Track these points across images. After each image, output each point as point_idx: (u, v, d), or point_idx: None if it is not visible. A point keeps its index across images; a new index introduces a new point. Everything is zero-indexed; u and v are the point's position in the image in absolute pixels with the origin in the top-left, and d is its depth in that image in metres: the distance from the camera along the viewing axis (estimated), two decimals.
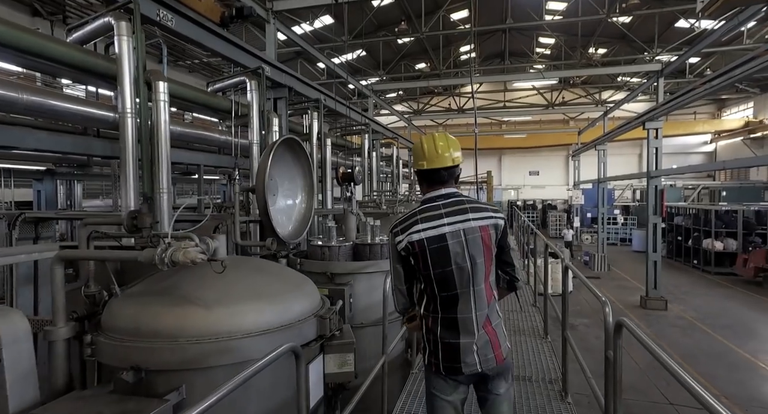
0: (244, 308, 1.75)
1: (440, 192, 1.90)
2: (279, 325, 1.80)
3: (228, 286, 1.81)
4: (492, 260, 1.86)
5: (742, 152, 23.21)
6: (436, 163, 1.88)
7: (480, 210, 1.86)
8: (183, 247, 1.59)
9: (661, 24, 16.98)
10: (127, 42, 3.38)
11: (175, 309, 1.70)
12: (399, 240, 1.82)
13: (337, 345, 2.02)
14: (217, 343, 1.65)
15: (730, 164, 8.76)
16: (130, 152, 3.47)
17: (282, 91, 6.47)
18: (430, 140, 1.91)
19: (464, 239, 1.79)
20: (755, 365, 6.89)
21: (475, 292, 1.79)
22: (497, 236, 1.87)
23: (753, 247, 12.95)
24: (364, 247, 3.78)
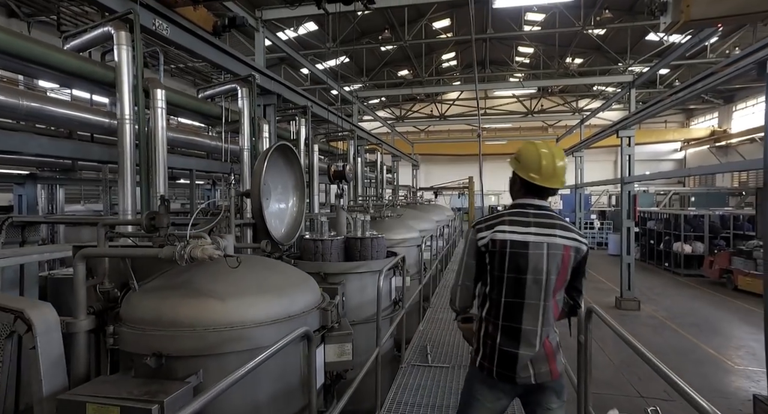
0: (254, 300, 1.92)
1: (533, 202, 1.89)
2: (286, 315, 1.98)
3: (239, 281, 1.98)
4: (565, 281, 1.84)
5: (708, 160, 24.32)
6: (550, 181, 1.85)
7: (567, 230, 1.85)
8: (200, 245, 1.76)
9: (633, 37, 17.77)
10: (126, 51, 3.51)
11: (192, 301, 1.86)
12: (482, 235, 1.83)
13: (336, 336, 2.20)
14: (231, 331, 1.82)
15: (695, 171, 9.30)
16: (128, 157, 3.59)
17: (271, 97, 6.63)
18: (550, 157, 1.86)
19: (546, 253, 1.77)
20: (719, 360, 7.32)
21: (544, 307, 1.78)
22: (576, 260, 1.85)
23: (718, 250, 13.62)
24: (356, 241, 3.95)
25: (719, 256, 13.09)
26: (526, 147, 1.97)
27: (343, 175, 4.65)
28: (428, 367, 3.64)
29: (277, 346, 1.50)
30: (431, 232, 6.84)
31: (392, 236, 5.24)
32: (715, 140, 24.44)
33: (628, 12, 16.87)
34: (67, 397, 1.55)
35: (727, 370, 6.91)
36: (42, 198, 8.48)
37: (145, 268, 2.16)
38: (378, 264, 3.64)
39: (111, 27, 3.46)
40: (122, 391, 1.57)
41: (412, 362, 3.74)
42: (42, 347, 1.62)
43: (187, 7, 4.47)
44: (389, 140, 19.50)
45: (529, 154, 1.91)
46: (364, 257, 3.91)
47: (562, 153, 1.91)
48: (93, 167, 8.26)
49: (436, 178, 24.75)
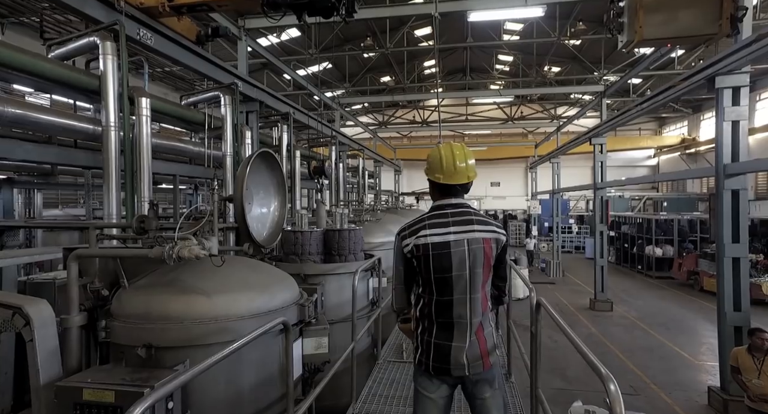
0: (237, 296, 2.09)
1: (450, 201, 1.98)
2: (267, 310, 2.15)
3: (223, 279, 2.14)
4: (490, 272, 1.95)
5: (680, 166, 25.28)
6: (452, 178, 1.95)
7: (485, 223, 1.94)
8: (187, 246, 1.92)
9: (606, 47, 18.45)
10: (111, 60, 3.64)
11: (180, 297, 2.02)
12: (406, 243, 1.91)
13: (313, 330, 2.37)
14: (216, 324, 1.99)
15: (662, 177, 9.78)
16: (114, 163, 3.71)
17: (253, 104, 6.78)
18: (449, 154, 1.96)
19: (467, 249, 1.87)
20: (681, 356, 7.73)
21: (472, 300, 1.87)
22: (497, 250, 1.95)
23: (686, 253, 14.24)
24: (334, 233, 4.14)
25: (687, 259, 13.69)
26: (432, 151, 2.08)
27: (322, 171, 4.81)
28: (403, 363, 3.83)
29: (256, 332, 1.68)
30: None
31: (371, 240, 5.44)
32: (685, 147, 25.45)
33: (602, 24, 17.51)
34: (64, 384, 1.69)
35: (688, 365, 7.31)
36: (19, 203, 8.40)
37: (132, 268, 2.30)
38: (355, 265, 3.83)
39: (97, 37, 3.59)
40: (116, 378, 1.72)
41: (388, 359, 3.94)
42: (39, 340, 1.76)
43: (172, 18, 4.61)
44: (372, 146, 19.75)
45: (432, 157, 2.05)
46: (342, 248, 4.08)
47: (464, 152, 2.01)
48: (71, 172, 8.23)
49: (419, 183, 25.06)
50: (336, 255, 4.12)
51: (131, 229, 2.16)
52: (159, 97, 5.25)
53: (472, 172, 2.01)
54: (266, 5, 3.93)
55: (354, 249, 4.16)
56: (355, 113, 25.15)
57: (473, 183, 2.03)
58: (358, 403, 3.08)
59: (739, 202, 5.22)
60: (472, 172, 2.01)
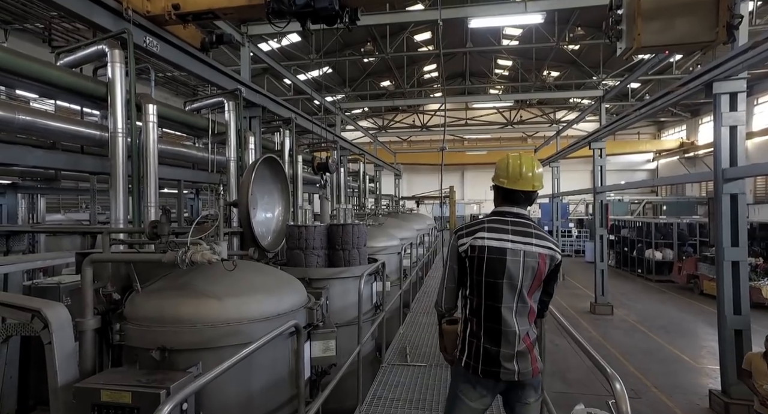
0: (248, 300, 2.14)
1: (512, 210, 2.01)
2: (276, 313, 2.20)
3: (234, 282, 2.19)
4: (540, 286, 1.95)
5: (679, 170, 25.39)
6: (517, 184, 1.98)
7: (543, 238, 1.94)
8: (199, 250, 1.97)
9: (605, 52, 18.59)
10: (119, 68, 3.70)
11: (192, 300, 2.06)
12: (463, 242, 1.95)
13: (321, 333, 2.42)
14: (227, 327, 2.03)
15: (661, 181, 9.86)
16: (121, 169, 3.76)
17: (256, 110, 6.84)
18: (517, 161, 2.01)
19: (522, 260, 1.87)
20: (681, 359, 7.76)
21: (519, 309, 1.87)
22: (550, 267, 1.94)
23: (686, 256, 14.29)
24: (338, 228, 4.18)
25: (687, 262, 13.74)
26: (501, 158, 2.13)
27: (326, 167, 4.84)
28: (407, 366, 3.87)
29: (269, 336, 1.73)
30: (412, 241, 7.11)
31: (373, 244, 5.48)
32: (684, 151, 25.57)
33: (600, 29, 17.67)
34: (83, 385, 1.73)
35: (689, 368, 7.34)
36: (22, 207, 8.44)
37: (144, 273, 2.35)
38: (359, 270, 3.88)
39: (105, 45, 3.65)
40: (131, 380, 1.76)
41: (392, 362, 3.98)
42: (57, 342, 1.81)
43: (177, 25, 4.68)
44: (372, 150, 19.83)
45: (500, 162, 2.09)
46: (346, 243, 4.11)
47: (532, 161, 2.03)
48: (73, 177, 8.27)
49: (419, 187, 25.14)
50: (340, 249, 4.15)
51: (144, 235, 2.21)
52: (164, 104, 5.32)
53: (539, 182, 2.04)
54: (271, 14, 4.00)
55: (358, 243, 4.20)
56: (356, 118, 25.26)
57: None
58: (363, 405, 3.12)
59: (738, 206, 5.28)
60: (538, 182, 2.03)
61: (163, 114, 5.42)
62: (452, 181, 28.51)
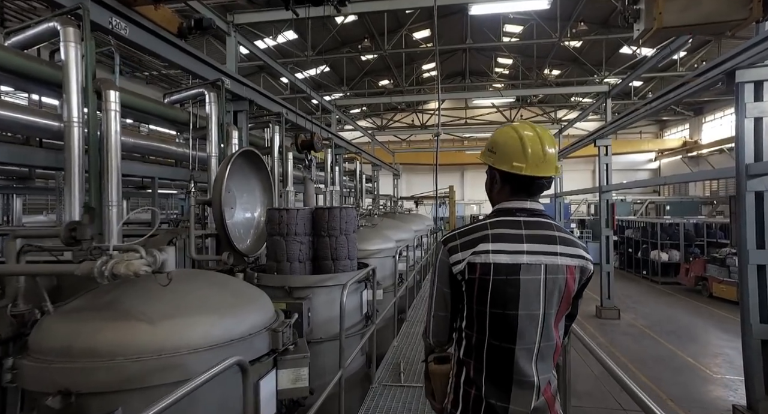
0: (192, 322, 1.68)
1: (524, 205, 1.44)
2: (229, 339, 1.74)
3: (177, 300, 1.74)
4: (568, 309, 1.43)
5: (681, 169, 24.97)
6: (540, 169, 1.40)
7: (570, 244, 1.40)
8: (126, 260, 1.53)
9: (607, 49, 18.21)
10: (74, 49, 3.26)
11: (115, 324, 1.60)
12: (456, 259, 1.37)
13: (290, 359, 1.98)
14: (159, 359, 1.56)
15: (670, 179, 9.42)
16: (76, 163, 3.31)
17: (243, 104, 6.40)
18: (536, 138, 1.41)
19: (543, 278, 1.33)
20: (696, 368, 7.31)
21: (541, 350, 1.34)
22: (580, 284, 1.41)
23: (693, 258, 13.84)
24: (324, 212, 3.72)
25: (694, 264, 13.29)
26: (501, 132, 1.49)
27: (311, 145, 4.36)
28: (400, 388, 3.42)
29: (205, 377, 1.28)
30: (409, 243, 6.66)
31: (366, 247, 5.04)
32: (687, 151, 25.17)
33: (603, 25, 17.30)
34: None
35: (705, 378, 6.88)
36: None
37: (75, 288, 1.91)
38: (346, 277, 3.44)
39: (57, 22, 3.22)
40: None
41: (384, 382, 3.52)
42: None
43: (148, 6, 4.25)
44: (370, 149, 19.41)
45: (506, 138, 1.44)
46: (332, 229, 3.66)
47: (550, 136, 1.46)
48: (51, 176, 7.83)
49: (418, 187, 24.74)
50: (326, 236, 3.69)
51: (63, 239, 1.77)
52: (135, 93, 4.87)
53: (557, 163, 1.47)
54: None
55: (346, 229, 3.74)
56: (354, 118, 24.83)
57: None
58: None
59: (763, 204, 4.84)
60: (557, 164, 1.47)
61: (138, 106, 4.98)
62: (452, 181, 28.05)
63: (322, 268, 3.78)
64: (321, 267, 3.79)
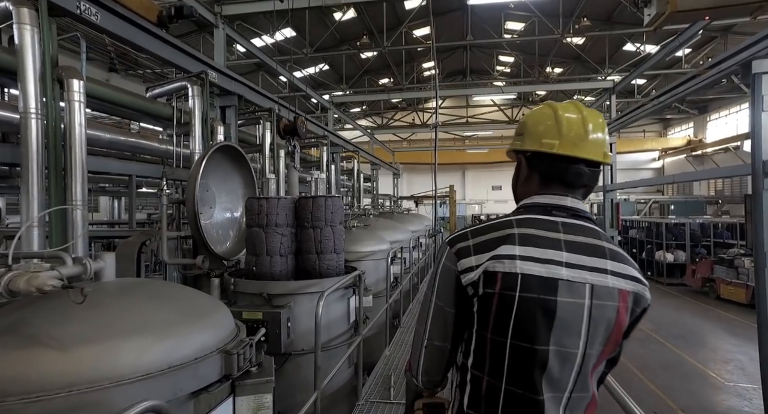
0: (119, 346, 1.36)
1: (563, 201, 1.08)
2: (167, 366, 1.42)
3: (103, 319, 1.41)
4: (611, 353, 1.07)
5: (686, 168, 24.64)
6: (577, 149, 1.05)
7: (623, 261, 1.04)
8: (30, 272, 1.24)
9: (610, 46, 17.91)
10: (30, 32, 2.97)
11: (11, 354, 1.26)
12: (468, 265, 1.01)
13: (251, 385, 1.68)
14: (68, 397, 1.20)
15: (679, 178, 9.09)
16: (34, 159, 3.03)
17: (231, 98, 6.11)
18: (578, 118, 1.08)
19: (589, 304, 0.98)
20: (706, 375, 6.99)
21: (572, 401, 1.00)
22: (632, 318, 1.06)
23: (699, 259, 13.51)
24: (307, 201, 3.41)
25: (701, 265, 12.97)
26: (532, 111, 1.21)
27: (294, 130, 4.03)
28: (389, 404, 3.12)
29: None
30: (404, 244, 6.36)
31: (358, 249, 4.74)
32: (691, 149, 24.82)
33: (606, 22, 16.99)
34: None
35: (716, 386, 6.56)
36: None
37: None
38: (330, 282, 3.13)
39: (9, 2, 2.92)
40: None
41: (371, 398, 3.22)
42: None
43: None
44: (369, 149, 19.11)
45: (538, 116, 1.15)
46: (317, 219, 3.36)
47: (601, 120, 1.11)
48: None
49: (419, 186, 24.42)
50: (310, 227, 3.40)
51: None
52: (113, 86, 4.60)
53: (607, 149, 1.10)
54: None
55: (332, 220, 3.44)
56: (354, 116, 24.54)
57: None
58: None
59: None
60: (607, 150, 1.10)
61: (116, 99, 4.73)
62: (453, 180, 27.73)
63: (306, 263, 3.48)
64: (304, 261, 3.49)
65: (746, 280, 10.98)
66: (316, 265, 3.44)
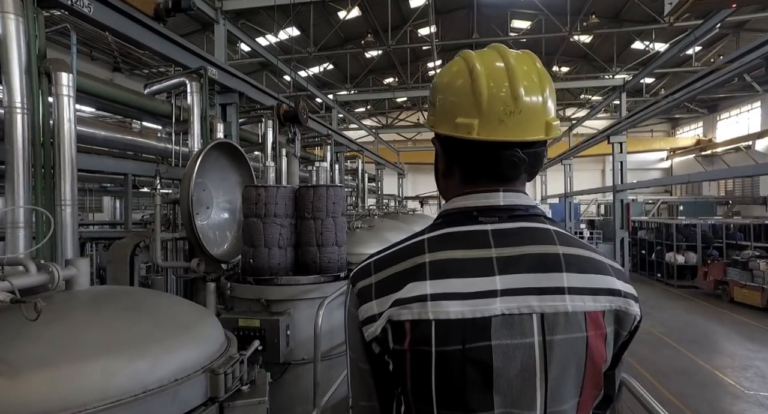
0: (82, 369, 1.16)
1: (491, 200, 0.81)
2: (141, 390, 1.23)
3: (65, 337, 1.22)
4: (595, 400, 0.81)
5: (695, 169, 24.23)
6: (510, 129, 0.77)
7: (589, 267, 0.78)
8: None
9: (619, 44, 17.63)
10: (15, 22, 2.81)
11: None
12: (369, 314, 0.78)
13: (241, 407, 1.49)
14: None
15: (695, 177, 8.83)
16: (20, 156, 2.88)
17: (232, 96, 5.96)
18: (501, 70, 0.79)
19: (541, 342, 0.73)
20: (723, 382, 6.73)
21: None
22: (617, 343, 0.82)
23: (711, 261, 13.20)
24: (308, 190, 3.21)
25: (713, 267, 12.66)
26: (445, 69, 0.88)
27: (295, 117, 3.79)
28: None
29: None
30: None
31: (361, 251, 4.54)
32: (700, 149, 24.43)
33: (614, 19, 16.72)
34: None
35: (736, 395, 6.31)
36: None
37: None
38: (332, 288, 2.95)
39: None
40: None
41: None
42: None
43: None
44: (374, 149, 18.92)
45: (450, 77, 0.84)
46: (318, 210, 3.16)
47: (535, 66, 0.82)
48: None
49: (424, 187, 24.23)
50: (310, 218, 3.19)
51: None
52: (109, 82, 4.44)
53: (552, 115, 0.80)
54: None
55: (334, 211, 3.24)
56: (359, 116, 24.40)
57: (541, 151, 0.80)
58: None
59: None
60: (552, 117, 0.80)
61: (112, 96, 4.56)
62: None
63: (306, 255, 3.28)
64: (304, 254, 3.29)
65: (762, 283, 10.69)
66: (316, 258, 3.24)
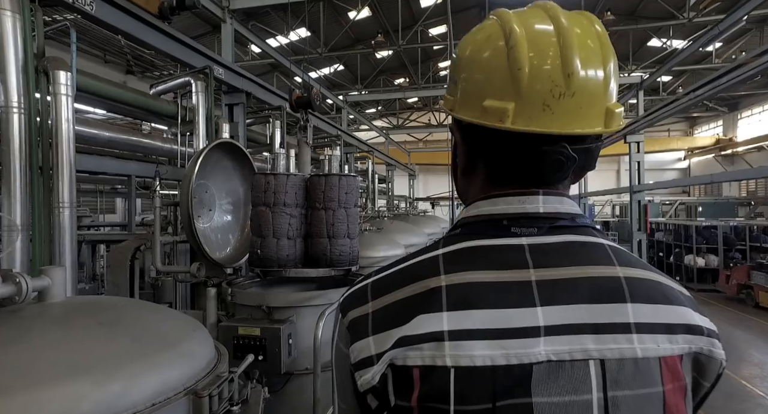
0: (44, 395, 1.02)
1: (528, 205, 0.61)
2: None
3: (26, 359, 1.07)
4: None
5: (714, 168, 23.55)
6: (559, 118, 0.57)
7: (660, 296, 0.58)
8: None
9: (635, 42, 17.25)
10: (12, 18, 2.73)
11: None
12: (364, 353, 0.58)
13: None
14: None
15: (717, 178, 8.50)
16: (17, 157, 2.80)
17: (239, 96, 5.88)
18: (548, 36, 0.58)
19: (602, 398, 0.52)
20: (753, 393, 6.39)
21: None
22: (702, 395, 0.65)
23: (734, 264, 12.74)
24: (319, 179, 3.06)
25: (737, 271, 12.21)
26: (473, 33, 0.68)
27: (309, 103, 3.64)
28: None
29: None
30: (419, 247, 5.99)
31: (370, 254, 4.39)
32: (720, 149, 23.76)
33: (630, 16, 16.35)
34: None
35: (764, 406, 5.98)
36: None
37: None
38: (338, 294, 2.81)
39: None
40: None
41: None
42: None
43: None
44: (384, 149, 18.79)
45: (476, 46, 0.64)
46: (329, 200, 3.01)
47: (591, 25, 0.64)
48: None
49: (435, 188, 24.01)
50: (321, 209, 3.04)
51: None
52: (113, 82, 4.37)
53: (614, 99, 0.60)
54: None
55: (346, 201, 3.08)
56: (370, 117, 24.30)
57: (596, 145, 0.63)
58: None
59: None
60: (614, 102, 0.59)
61: (117, 96, 4.49)
62: None
63: (316, 247, 3.12)
64: (314, 245, 3.14)
65: None
66: (327, 250, 3.08)
